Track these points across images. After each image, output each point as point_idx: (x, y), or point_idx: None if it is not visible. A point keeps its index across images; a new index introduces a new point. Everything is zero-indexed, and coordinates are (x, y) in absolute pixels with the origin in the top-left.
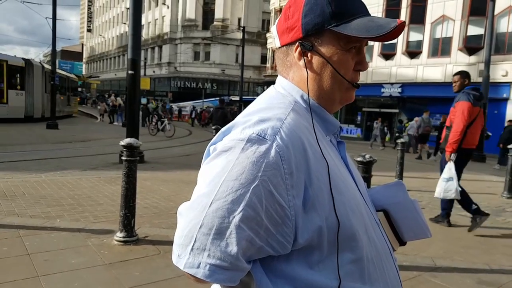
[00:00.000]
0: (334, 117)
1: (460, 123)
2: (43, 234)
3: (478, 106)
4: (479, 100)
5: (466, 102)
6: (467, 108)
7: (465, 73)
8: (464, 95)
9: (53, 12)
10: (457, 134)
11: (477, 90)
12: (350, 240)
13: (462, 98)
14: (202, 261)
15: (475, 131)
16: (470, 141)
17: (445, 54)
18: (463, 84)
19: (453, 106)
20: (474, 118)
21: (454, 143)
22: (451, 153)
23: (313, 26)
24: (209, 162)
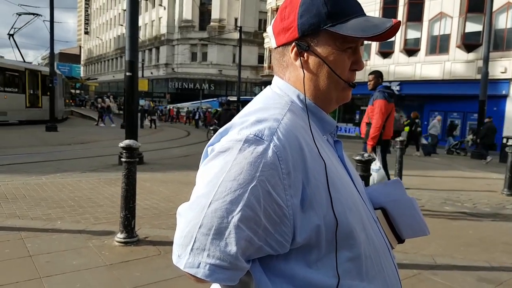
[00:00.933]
0: (331, 117)
1: (379, 119)
2: (45, 236)
3: (392, 102)
4: (392, 97)
5: (382, 100)
6: (384, 105)
7: (378, 73)
8: (380, 93)
9: (51, 15)
10: (377, 130)
11: (389, 88)
12: (348, 238)
13: (379, 97)
14: (202, 261)
15: (390, 124)
16: (388, 133)
17: (443, 51)
18: (377, 83)
19: (371, 104)
20: (389, 113)
21: (375, 138)
22: (373, 146)
23: (309, 26)
24: (207, 163)
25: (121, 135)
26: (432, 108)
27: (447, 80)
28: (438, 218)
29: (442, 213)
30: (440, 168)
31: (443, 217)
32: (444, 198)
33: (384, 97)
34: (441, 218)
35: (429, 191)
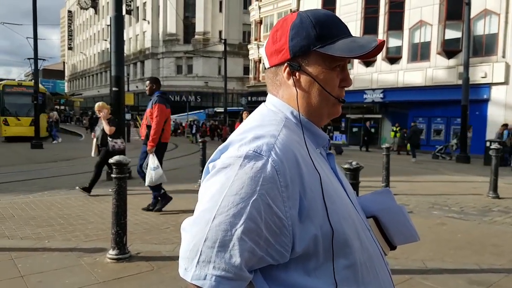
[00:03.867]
0: (322, 131)
1: (160, 122)
2: (35, 255)
3: (169, 108)
4: (168, 102)
5: (161, 104)
6: (163, 110)
7: (154, 79)
8: (160, 98)
9: (34, 32)
10: (157, 132)
11: (165, 93)
12: (343, 246)
13: (159, 101)
14: (208, 273)
15: (168, 127)
16: (166, 136)
17: (424, 58)
18: (152, 88)
19: (150, 107)
20: (167, 118)
21: (155, 139)
22: (152, 147)
23: (300, 48)
24: (209, 179)
25: None
26: (416, 114)
27: (429, 86)
28: (426, 223)
29: (431, 217)
30: (426, 173)
31: (432, 222)
32: (432, 203)
33: (163, 102)
34: (430, 223)
35: (416, 196)
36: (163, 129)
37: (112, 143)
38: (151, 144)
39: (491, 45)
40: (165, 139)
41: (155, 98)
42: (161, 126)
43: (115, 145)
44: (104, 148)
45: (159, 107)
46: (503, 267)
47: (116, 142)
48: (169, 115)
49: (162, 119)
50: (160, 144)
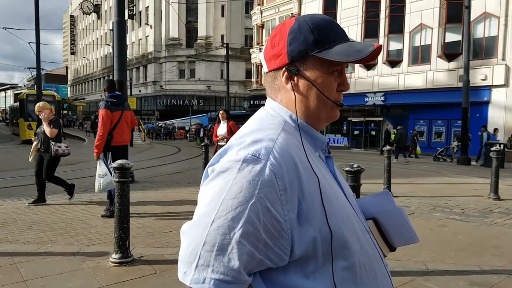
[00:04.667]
0: (321, 134)
1: (101, 128)
2: (38, 260)
3: (118, 110)
4: (117, 105)
5: (103, 109)
6: (105, 115)
7: (106, 83)
8: (104, 103)
9: (36, 36)
10: (99, 138)
11: (115, 97)
12: (342, 248)
13: (101, 106)
14: (207, 277)
15: (121, 130)
16: (119, 139)
17: (425, 61)
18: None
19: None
20: (117, 121)
21: (99, 146)
22: (98, 154)
23: (298, 53)
24: (208, 183)
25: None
26: (417, 116)
27: (430, 89)
28: (428, 225)
29: (432, 219)
30: (427, 175)
31: (433, 224)
32: (433, 205)
33: (105, 106)
34: (431, 225)
35: (418, 198)
36: (112, 134)
37: (55, 147)
38: (95, 151)
39: (491, 48)
40: (117, 142)
41: (100, 103)
42: (104, 132)
43: (59, 150)
44: (46, 154)
45: (101, 112)
46: (504, 268)
47: (59, 147)
48: (122, 117)
49: (106, 124)
50: (113, 148)
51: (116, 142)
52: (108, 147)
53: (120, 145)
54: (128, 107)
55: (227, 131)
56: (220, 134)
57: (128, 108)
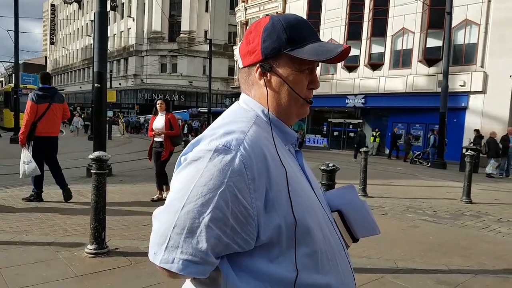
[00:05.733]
0: (292, 129)
1: (26, 117)
2: (13, 248)
3: (45, 102)
4: (44, 98)
5: (29, 101)
6: (30, 106)
7: (40, 75)
8: (30, 94)
9: (15, 24)
10: (23, 127)
11: (43, 89)
12: (305, 236)
13: (28, 98)
14: (176, 257)
15: (46, 121)
16: (42, 130)
17: (406, 65)
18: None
19: None
20: (43, 112)
21: (23, 133)
22: (22, 141)
23: (271, 50)
24: (181, 171)
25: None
26: (396, 120)
27: (409, 93)
28: (400, 225)
29: (405, 220)
30: (403, 177)
31: (405, 224)
32: (407, 206)
33: (31, 98)
34: (403, 225)
35: (392, 199)
36: (36, 124)
37: None
38: (20, 138)
39: (471, 55)
40: (41, 133)
41: (28, 94)
42: (28, 122)
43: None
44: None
45: (27, 104)
46: (470, 268)
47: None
48: (49, 109)
49: (29, 115)
50: (37, 138)
51: (39, 133)
52: (31, 136)
53: (44, 136)
54: (59, 99)
55: (165, 125)
56: (157, 128)
57: (58, 101)
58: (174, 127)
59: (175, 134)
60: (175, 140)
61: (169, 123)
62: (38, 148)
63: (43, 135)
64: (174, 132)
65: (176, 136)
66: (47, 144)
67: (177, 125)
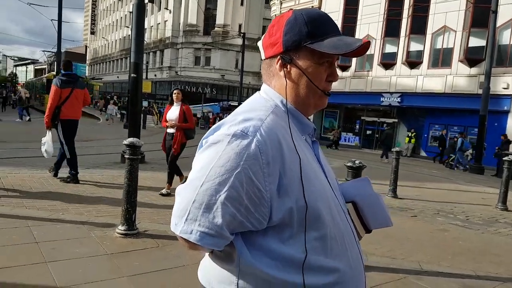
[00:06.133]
0: (309, 120)
1: (50, 101)
2: (50, 225)
3: (68, 87)
4: (68, 83)
5: (53, 85)
6: (54, 91)
7: (63, 62)
8: (55, 79)
9: (59, 14)
10: (48, 110)
11: (66, 75)
12: (315, 221)
13: (53, 83)
14: (194, 229)
15: (70, 106)
16: (67, 114)
17: (445, 65)
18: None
19: None
20: (67, 96)
21: (48, 117)
22: (47, 124)
23: (292, 42)
24: (202, 152)
25: (124, 134)
26: (433, 121)
27: (448, 93)
28: (429, 228)
29: (434, 223)
30: (437, 180)
31: (434, 227)
32: (438, 209)
33: (56, 83)
34: (432, 228)
35: (423, 202)
36: (60, 107)
37: None
38: (45, 120)
39: None
40: (66, 116)
41: (53, 80)
42: (52, 106)
43: None
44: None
45: (51, 88)
46: (499, 276)
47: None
48: (72, 94)
49: (54, 99)
50: (61, 121)
51: (64, 116)
52: (57, 119)
53: (68, 119)
54: (81, 85)
55: (179, 116)
56: (170, 119)
57: (80, 87)
58: (189, 120)
59: (189, 128)
60: (189, 133)
61: (183, 115)
62: (66, 130)
63: (67, 118)
64: (188, 125)
65: (189, 129)
66: (70, 126)
67: (191, 118)
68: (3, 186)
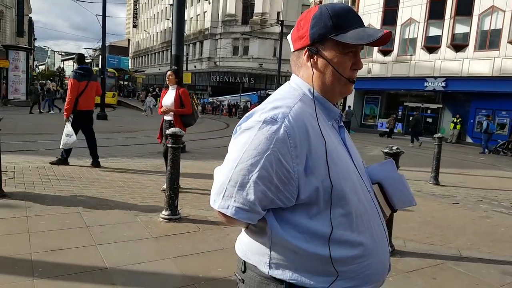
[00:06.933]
0: (335, 106)
1: (69, 95)
2: (98, 211)
3: (84, 80)
4: (84, 76)
5: (71, 79)
6: (73, 84)
7: (76, 56)
8: (72, 73)
9: (103, 10)
10: (68, 103)
11: (83, 69)
12: (340, 199)
13: (70, 76)
14: (230, 204)
15: (86, 98)
16: (83, 105)
17: (493, 47)
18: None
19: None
20: (83, 89)
21: (68, 109)
22: (67, 116)
23: (318, 35)
24: (236, 137)
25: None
26: (479, 106)
27: (496, 77)
28: (471, 215)
29: (477, 210)
30: (482, 167)
31: (476, 214)
32: (481, 197)
33: (74, 76)
34: (474, 215)
35: (466, 189)
36: (78, 100)
37: None
38: (64, 113)
39: None
40: (82, 107)
41: (70, 73)
42: (72, 98)
43: None
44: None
45: (70, 81)
46: None
47: None
48: (88, 86)
49: (73, 92)
50: (78, 112)
51: (81, 107)
52: (74, 110)
53: (85, 110)
54: (94, 78)
55: (175, 101)
56: (165, 105)
57: (94, 79)
58: (185, 104)
59: (186, 113)
60: (186, 120)
61: (179, 99)
62: (78, 121)
63: (83, 109)
64: (185, 110)
65: (187, 115)
66: (86, 116)
67: (188, 102)
68: (55, 175)
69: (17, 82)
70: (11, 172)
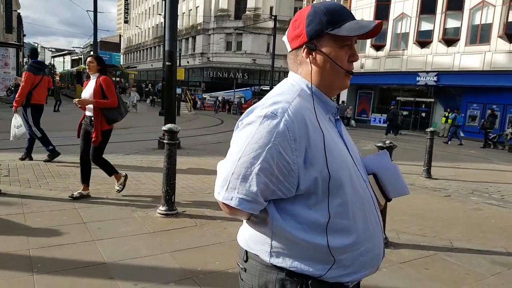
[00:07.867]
0: (332, 100)
1: (23, 87)
2: (95, 207)
3: (40, 74)
4: (39, 70)
5: (27, 72)
6: (28, 77)
7: (29, 51)
8: (29, 66)
9: (94, 4)
10: (19, 95)
11: (38, 63)
12: (338, 189)
13: (26, 69)
14: (233, 196)
15: (40, 92)
16: (37, 99)
17: (484, 41)
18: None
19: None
20: (38, 83)
21: (18, 101)
22: (16, 107)
23: (314, 32)
24: (239, 132)
25: (160, 121)
26: (471, 100)
27: (487, 71)
28: (462, 207)
29: (468, 202)
30: (474, 160)
31: (468, 207)
32: (472, 189)
33: (29, 69)
34: (465, 207)
35: (457, 182)
36: (31, 93)
37: None
38: (14, 105)
39: None
40: (36, 101)
41: (25, 66)
42: (24, 91)
43: None
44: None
45: (24, 75)
46: None
47: None
48: (42, 80)
49: (27, 85)
50: (31, 106)
51: (34, 101)
52: (28, 104)
53: (37, 104)
54: (48, 73)
55: (94, 92)
56: (84, 97)
57: (47, 74)
58: (108, 95)
59: (109, 106)
60: (110, 115)
61: (100, 90)
62: (35, 114)
63: (36, 103)
64: (107, 102)
65: (111, 109)
66: (39, 110)
67: (113, 93)
68: (50, 172)
69: (7, 80)
70: (6, 170)
